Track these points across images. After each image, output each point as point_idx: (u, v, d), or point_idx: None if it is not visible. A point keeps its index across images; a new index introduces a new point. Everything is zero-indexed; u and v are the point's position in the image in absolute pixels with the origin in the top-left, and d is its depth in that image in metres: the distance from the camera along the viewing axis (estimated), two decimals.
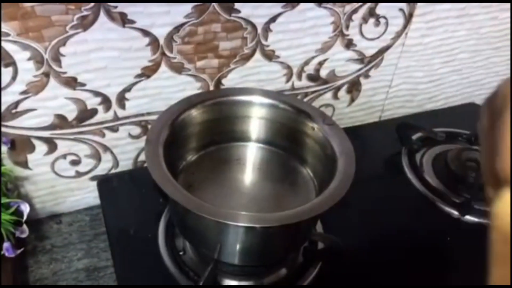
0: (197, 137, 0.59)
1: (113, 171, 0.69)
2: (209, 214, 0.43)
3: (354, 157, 0.50)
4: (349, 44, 0.72)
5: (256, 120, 0.60)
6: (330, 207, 0.45)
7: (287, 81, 0.72)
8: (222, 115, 0.59)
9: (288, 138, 0.60)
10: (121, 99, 0.62)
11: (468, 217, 0.66)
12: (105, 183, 0.67)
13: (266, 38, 0.65)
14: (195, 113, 0.57)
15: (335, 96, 0.78)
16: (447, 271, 0.60)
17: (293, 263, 0.58)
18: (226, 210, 0.44)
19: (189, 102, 0.57)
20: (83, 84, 0.58)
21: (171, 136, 0.53)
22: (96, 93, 0.60)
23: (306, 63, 0.71)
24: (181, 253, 0.57)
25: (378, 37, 0.74)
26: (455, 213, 0.67)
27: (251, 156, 0.63)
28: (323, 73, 0.74)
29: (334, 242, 0.54)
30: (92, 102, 0.60)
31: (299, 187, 0.58)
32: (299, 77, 0.72)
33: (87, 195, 0.70)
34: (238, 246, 0.49)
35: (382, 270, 0.59)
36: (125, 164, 0.69)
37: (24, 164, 0.62)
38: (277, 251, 0.53)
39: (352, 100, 0.81)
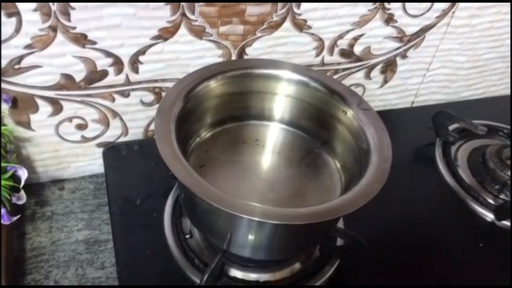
0: (214, 112, 0.54)
1: (121, 139, 0.65)
2: (222, 204, 0.38)
3: (391, 150, 0.45)
4: (389, 20, 0.66)
5: (282, 98, 0.55)
6: (360, 207, 0.39)
7: (317, 55, 0.66)
8: (244, 89, 0.54)
9: (316, 121, 0.55)
10: (134, 62, 0.57)
11: (505, 223, 0.61)
12: (111, 151, 0.64)
13: (298, 6, 0.59)
14: (214, 85, 0.51)
15: (367, 76, 0.73)
16: (478, 281, 0.54)
17: (308, 258, 0.53)
18: (241, 201, 0.39)
19: (209, 72, 0.51)
20: (93, 42, 0.54)
21: (186, 108, 0.48)
22: (108, 53, 0.55)
23: (340, 37, 0.65)
24: (187, 236, 0.53)
25: (421, 14, 0.67)
26: (490, 215, 0.61)
27: (272, 137, 0.57)
28: (358, 49, 0.68)
29: (356, 240, 0.49)
30: (102, 62, 0.56)
31: (322, 178, 0.53)
32: (331, 52, 0.66)
33: (92, 162, 0.66)
34: (250, 239, 0.44)
35: (404, 272, 0.55)
36: (135, 133, 0.65)
37: (27, 125, 0.58)
38: (293, 247, 0.48)
39: (385, 81, 0.75)
